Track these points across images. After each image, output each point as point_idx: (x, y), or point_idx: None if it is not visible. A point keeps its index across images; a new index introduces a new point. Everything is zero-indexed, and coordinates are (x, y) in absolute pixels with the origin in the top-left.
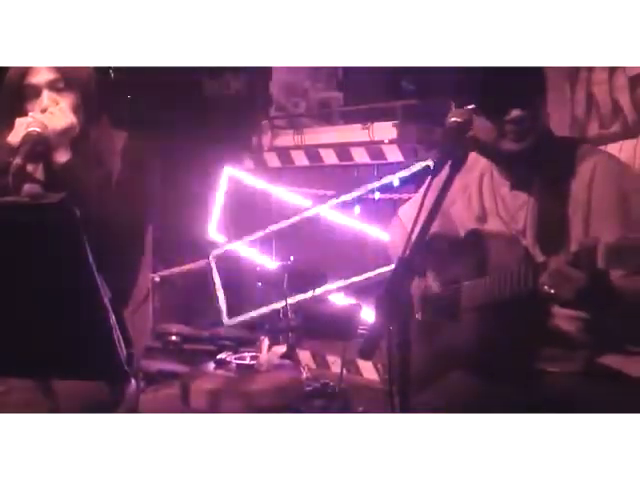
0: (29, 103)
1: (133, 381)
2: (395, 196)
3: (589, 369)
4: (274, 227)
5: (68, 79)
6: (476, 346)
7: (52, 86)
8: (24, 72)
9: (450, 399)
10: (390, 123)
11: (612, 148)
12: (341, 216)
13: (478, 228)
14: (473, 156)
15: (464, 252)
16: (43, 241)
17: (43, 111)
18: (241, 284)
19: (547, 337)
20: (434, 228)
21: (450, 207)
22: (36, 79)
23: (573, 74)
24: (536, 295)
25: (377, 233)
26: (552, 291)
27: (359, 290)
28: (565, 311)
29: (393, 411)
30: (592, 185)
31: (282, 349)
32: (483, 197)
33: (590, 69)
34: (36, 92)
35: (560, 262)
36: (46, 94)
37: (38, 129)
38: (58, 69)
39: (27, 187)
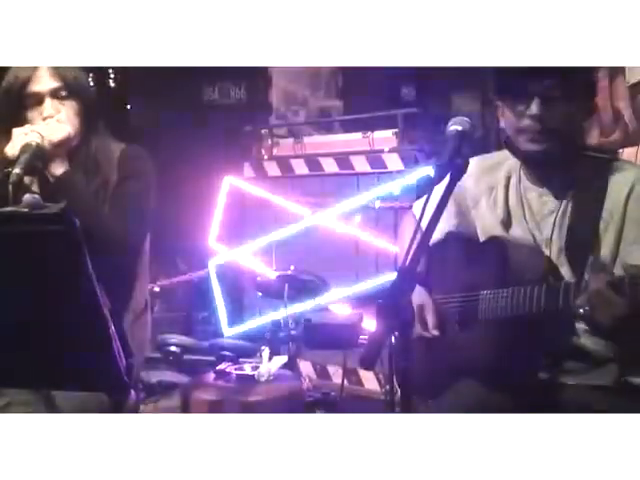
0: (30, 111)
1: (133, 392)
2: (396, 204)
3: (615, 385)
4: (274, 236)
5: (70, 87)
6: (490, 358)
7: (55, 94)
8: (26, 80)
9: (455, 410)
10: (390, 131)
11: None
12: (341, 225)
13: (500, 236)
14: (501, 155)
15: (482, 258)
16: (43, 251)
17: (45, 119)
18: (241, 294)
19: (570, 354)
20: (452, 228)
21: (473, 208)
22: (39, 87)
23: None
24: (564, 313)
25: (377, 242)
26: (584, 311)
27: (360, 299)
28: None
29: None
30: (628, 201)
31: (283, 359)
32: (509, 200)
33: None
34: (38, 100)
35: (601, 283)
36: (49, 102)
37: (37, 140)
38: (61, 77)
39: (27, 197)
